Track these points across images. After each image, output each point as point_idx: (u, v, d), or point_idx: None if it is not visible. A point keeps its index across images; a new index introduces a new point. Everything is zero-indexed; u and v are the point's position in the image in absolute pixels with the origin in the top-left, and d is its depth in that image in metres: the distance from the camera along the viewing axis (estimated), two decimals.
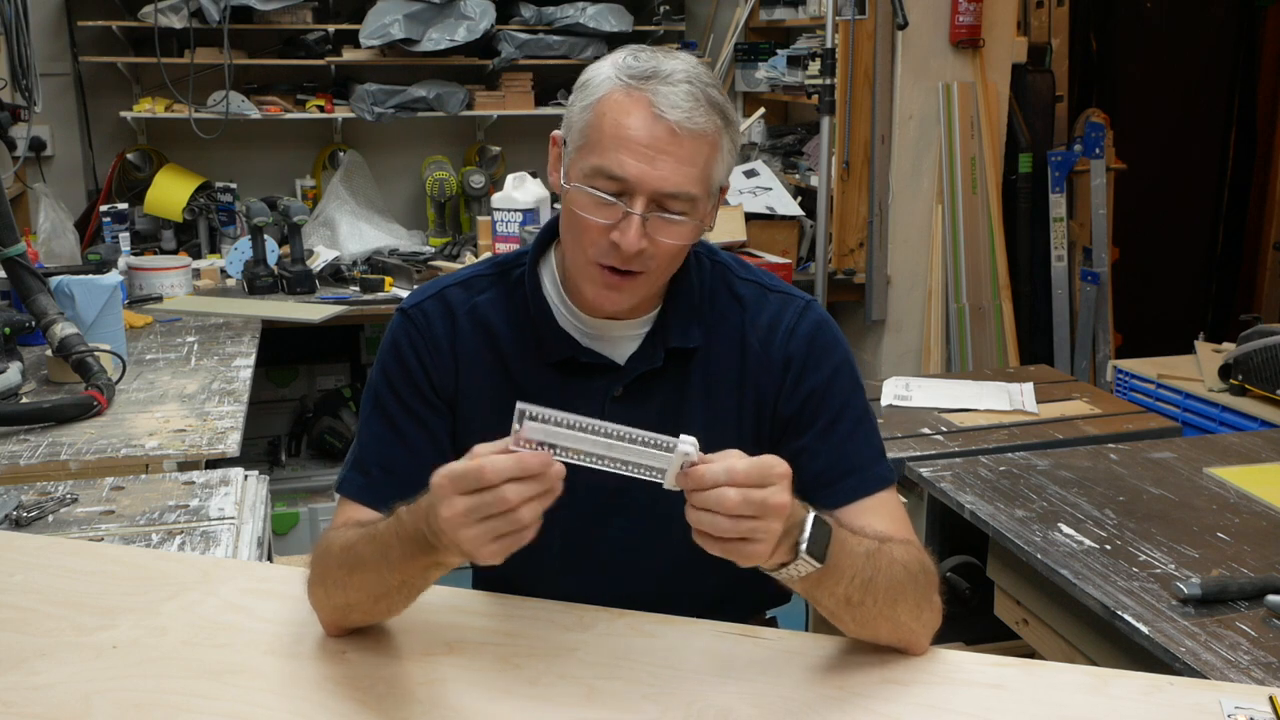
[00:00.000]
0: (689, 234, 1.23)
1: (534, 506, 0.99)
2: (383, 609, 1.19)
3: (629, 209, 1.18)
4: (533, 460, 0.99)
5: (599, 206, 1.20)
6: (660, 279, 1.27)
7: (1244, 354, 2.75)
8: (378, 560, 1.12)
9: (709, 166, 1.21)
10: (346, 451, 4.19)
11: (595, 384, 1.31)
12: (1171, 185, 4.94)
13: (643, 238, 1.19)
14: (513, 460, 0.98)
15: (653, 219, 1.19)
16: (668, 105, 1.17)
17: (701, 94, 1.19)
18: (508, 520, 0.98)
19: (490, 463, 0.98)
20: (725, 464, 1.00)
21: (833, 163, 3.66)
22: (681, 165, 1.18)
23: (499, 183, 3.93)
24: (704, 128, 1.18)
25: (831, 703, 1.14)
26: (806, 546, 1.06)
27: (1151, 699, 1.16)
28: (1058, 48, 4.12)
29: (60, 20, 3.93)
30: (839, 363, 1.34)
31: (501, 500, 0.97)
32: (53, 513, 1.74)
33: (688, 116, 1.17)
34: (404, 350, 1.33)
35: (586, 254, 1.23)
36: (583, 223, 1.21)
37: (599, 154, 1.19)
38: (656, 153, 1.17)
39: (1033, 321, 4.08)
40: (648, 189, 1.18)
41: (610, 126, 1.18)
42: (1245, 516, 1.86)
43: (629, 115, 1.18)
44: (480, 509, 0.98)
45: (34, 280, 2.47)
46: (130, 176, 4.04)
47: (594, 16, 4.03)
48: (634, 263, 1.21)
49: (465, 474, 0.98)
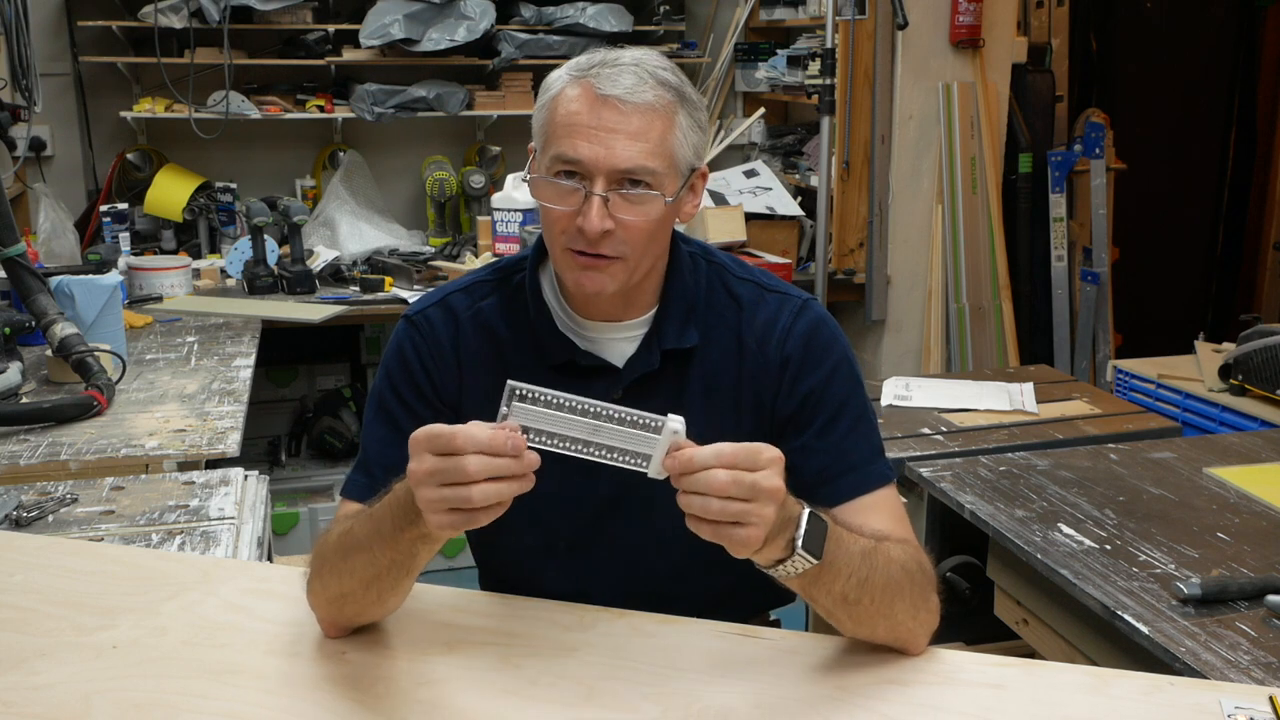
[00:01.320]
0: (654, 210, 1.23)
1: (492, 489, 0.99)
2: (374, 597, 1.18)
3: (590, 190, 1.21)
4: (503, 441, 0.99)
5: (561, 194, 1.22)
6: (640, 264, 1.27)
7: (1244, 354, 2.75)
8: (371, 538, 1.13)
9: (665, 141, 1.22)
10: (346, 452, 4.22)
11: (595, 387, 1.31)
12: (1171, 185, 4.94)
13: (606, 218, 1.21)
14: (487, 432, 0.99)
15: (614, 199, 1.21)
16: (609, 85, 1.20)
17: (648, 74, 1.22)
18: (462, 493, 0.99)
19: (464, 430, 0.99)
20: (714, 447, 1.01)
21: (833, 163, 3.66)
22: (633, 140, 1.20)
23: (499, 183, 3.93)
24: (650, 102, 1.21)
25: (831, 703, 1.14)
26: (803, 542, 1.06)
27: (1151, 699, 1.16)
28: (1058, 48, 4.12)
29: (60, 20, 3.92)
30: (837, 361, 1.34)
31: (460, 470, 0.98)
32: (53, 513, 1.74)
33: (630, 92, 1.20)
34: (408, 355, 1.35)
35: (559, 242, 1.25)
36: (551, 214, 1.24)
37: (555, 144, 1.22)
38: (605, 132, 1.20)
39: (1033, 321, 4.08)
40: (603, 168, 1.20)
41: (562, 116, 1.22)
42: (1245, 516, 1.86)
43: (577, 102, 1.22)
44: (442, 473, 0.99)
45: (34, 280, 2.47)
46: (130, 176, 4.04)
47: (594, 16, 4.03)
48: (603, 245, 1.22)
49: (439, 435, 1.00)
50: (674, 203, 1.25)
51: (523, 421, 1.02)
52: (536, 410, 1.02)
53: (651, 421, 1.02)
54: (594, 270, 1.24)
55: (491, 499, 0.99)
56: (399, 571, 1.14)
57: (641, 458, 1.02)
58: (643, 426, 1.02)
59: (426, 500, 1.01)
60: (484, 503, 0.99)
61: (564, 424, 1.02)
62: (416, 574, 1.17)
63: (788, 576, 1.08)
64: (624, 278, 1.26)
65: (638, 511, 1.32)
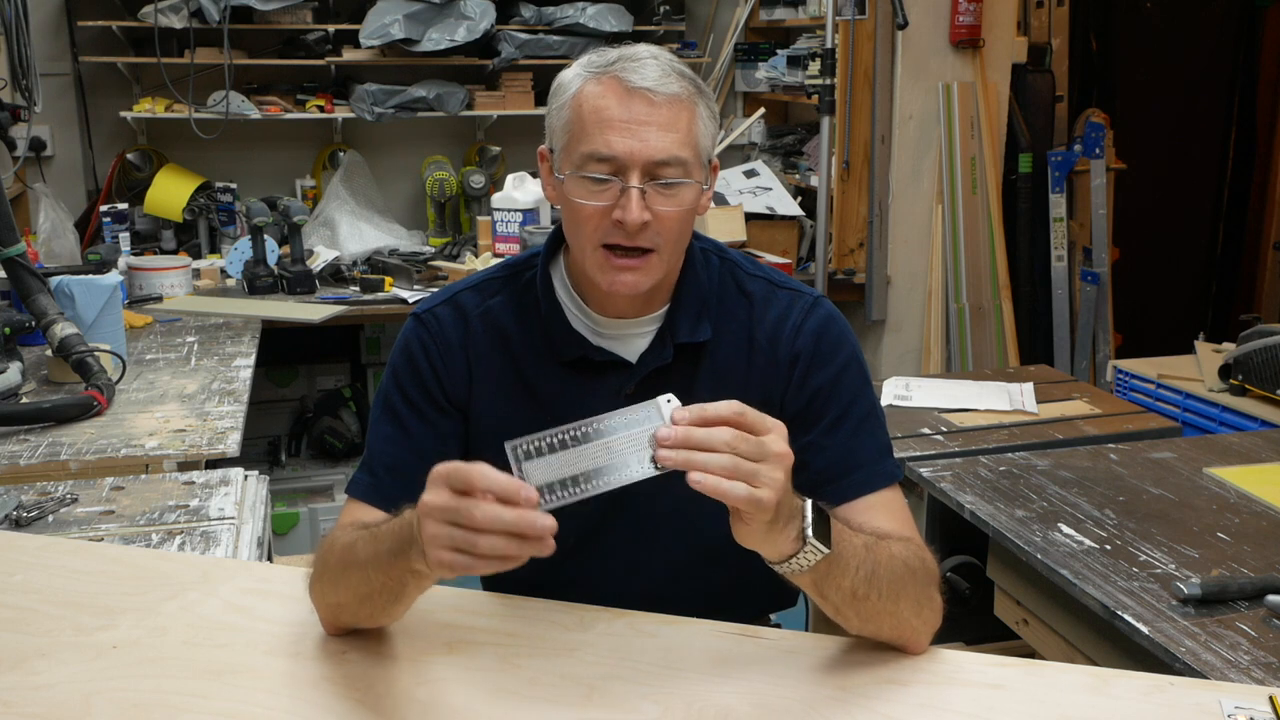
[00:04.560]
0: (689, 199, 1.24)
1: (499, 542, 0.95)
2: (366, 614, 1.18)
3: (626, 184, 1.21)
4: (522, 494, 0.95)
5: (596, 191, 1.22)
6: (671, 258, 1.27)
7: (1244, 354, 2.75)
8: (369, 558, 1.12)
9: (691, 130, 1.23)
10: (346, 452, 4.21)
11: (608, 382, 1.32)
12: (1171, 185, 4.94)
13: (645, 210, 1.21)
14: (507, 481, 0.96)
15: (650, 191, 1.21)
16: (638, 78, 1.21)
17: (668, 66, 1.23)
18: (466, 536, 0.95)
19: (484, 470, 0.96)
20: (721, 404, 0.99)
21: (833, 163, 3.67)
22: (665, 131, 1.21)
23: (499, 183, 3.93)
24: (677, 92, 1.22)
25: (831, 703, 1.14)
26: (812, 531, 1.06)
27: (1152, 699, 1.16)
28: (1058, 48, 4.12)
29: (60, 20, 3.93)
30: (846, 359, 1.34)
31: (469, 514, 0.95)
32: (53, 513, 1.74)
33: (659, 83, 1.21)
34: (415, 354, 1.34)
35: (593, 240, 1.24)
36: (584, 211, 1.23)
37: (586, 142, 1.22)
38: (639, 125, 1.20)
39: (1033, 321, 4.08)
40: (639, 161, 1.20)
41: (590, 113, 1.22)
42: (1245, 516, 1.86)
43: (604, 98, 1.21)
44: (453, 511, 0.96)
45: (34, 280, 2.47)
46: (130, 176, 4.04)
47: (594, 16, 4.03)
48: (641, 238, 1.22)
49: (458, 471, 0.97)
50: (707, 190, 1.26)
51: (541, 480, 0.99)
52: (547, 460, 1.00)
53: (650, 409, 1.01)
54: (629, 271, 1.24)
55: (498, 551, 0.95)
56: (389, 597, 1.12)
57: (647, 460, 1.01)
58: (644, 420, 1.01)
59: (431, 535, 0.97)
60: (491, 554, 0.95)
61: (577, 460, 1.00)
62: (407, 603, 1.14)
63: (800, 571, 1.07)
64: (659, 273, 1.26)
65: (641, 512, 1.32)
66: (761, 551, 1.07)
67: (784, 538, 1.05)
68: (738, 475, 0.98)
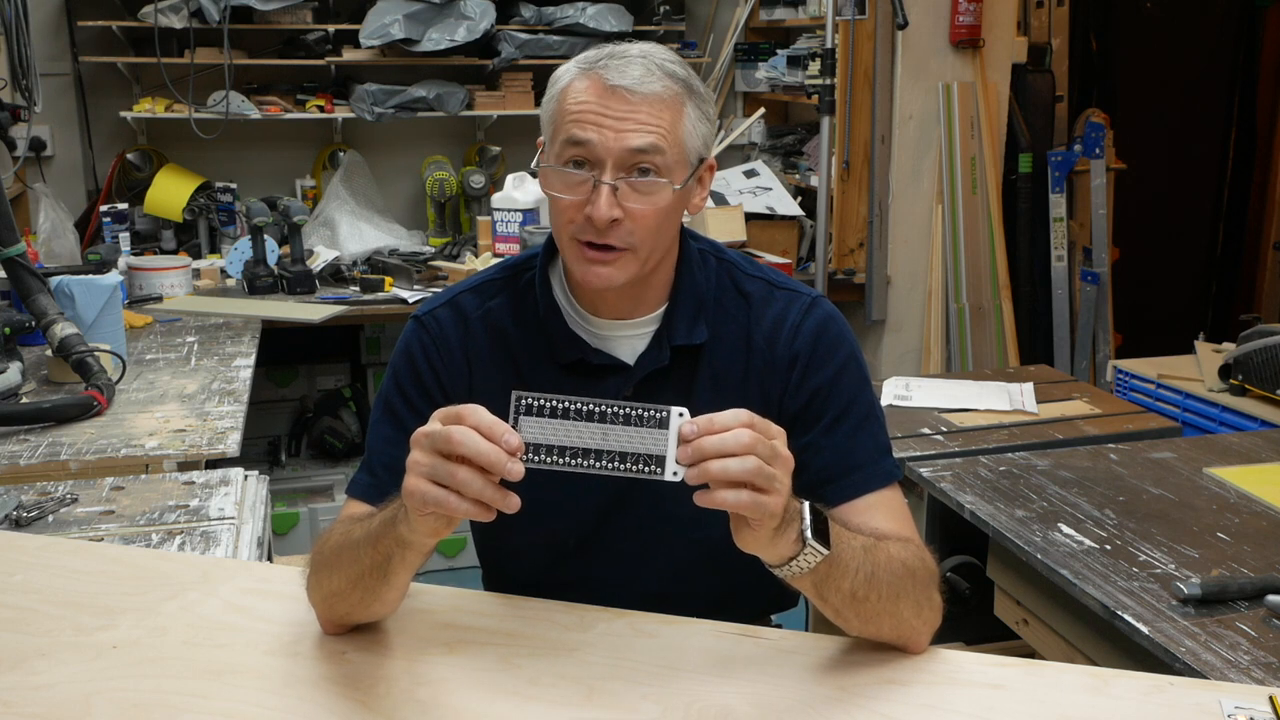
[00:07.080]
0: (662, 199, 1.23)
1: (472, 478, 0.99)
2: (358, 598, 1.18)
3: (599, 179, 1.21)
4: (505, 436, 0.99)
5: (571, 185, 1.23)
6: (648, 256, 1.27)
7: (1244, 354, 2.75)
8: (362, 536, 1.14)
9: (674, 129, 1.23)
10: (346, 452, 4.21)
11: (606, 384, 1.32)
12: (1171, 185, 4.94)
13: (614, 207, 1.21)
14: (494, 421, 1.00)
15: (623, 187, 1.21)
16: (618, 75, 1.22)
17: (655, 66, 1.23)
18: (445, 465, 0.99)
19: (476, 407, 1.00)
20: (732, 411, 1.01)
21: (833, 163, 3.67)
22: (641, 125, 1.21)
23: (499, 183, 3.93)
24: (658, 92, 1.22)
25: (831, 703, 1.14)
26: (811, 533, 1.06)
27: (1152, 699, 1.16)
28: (1058, 48, 4.12)
29: (60, 20, 3.92)
30: (845, 359, 1.34)
31: (447, 437, 0.99)
32: (53, 513, 1.74)
33: (638, 82, 1.21)
34: (416, 356, 1.35)
35: (566, 232, 1.25)
36: (559, 204, 1.24)
37: (563, 130, 1.23)
38: (615, 118, 1.21)
39: (1033, 321, 4.08)
40: (611, 153, 1.20)
41: (570, 104, 1.23)
42: (1245, 516, 1.86)
43: (586, 92, 1.23)
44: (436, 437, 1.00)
45: (34, 280, 2.47)
46: (130, 176, 4.04)
47: (594, 16, 4.03)
48: (612, 235, 1.22)
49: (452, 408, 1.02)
50: (682, 191, 1.25)
51: (532, 438, 1.01)
52: (544, 422, 1.02)
53: (659, 413, 1.01)
54: (601, 264, 1.24)
55: (472, 490, 0.99)
56: (377, 575, 1.13)
57: (654, 461, 1.01)
58: (650, 422, 1.01)
59: (413, 461, 1.02)
60: (462, 487, 0.98)
61: (573, 433, 1.02)
62: (397, 585, 1.16)
63: (800, 573, 1.07)
64: (633, 270, 1.26)
65: (642, 512, 1.32)
66: (762, 555, 1.07)
67: (784, 540, 1.05)
68: (758, 480, 0.99)
